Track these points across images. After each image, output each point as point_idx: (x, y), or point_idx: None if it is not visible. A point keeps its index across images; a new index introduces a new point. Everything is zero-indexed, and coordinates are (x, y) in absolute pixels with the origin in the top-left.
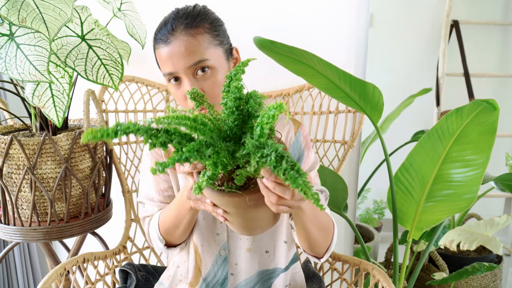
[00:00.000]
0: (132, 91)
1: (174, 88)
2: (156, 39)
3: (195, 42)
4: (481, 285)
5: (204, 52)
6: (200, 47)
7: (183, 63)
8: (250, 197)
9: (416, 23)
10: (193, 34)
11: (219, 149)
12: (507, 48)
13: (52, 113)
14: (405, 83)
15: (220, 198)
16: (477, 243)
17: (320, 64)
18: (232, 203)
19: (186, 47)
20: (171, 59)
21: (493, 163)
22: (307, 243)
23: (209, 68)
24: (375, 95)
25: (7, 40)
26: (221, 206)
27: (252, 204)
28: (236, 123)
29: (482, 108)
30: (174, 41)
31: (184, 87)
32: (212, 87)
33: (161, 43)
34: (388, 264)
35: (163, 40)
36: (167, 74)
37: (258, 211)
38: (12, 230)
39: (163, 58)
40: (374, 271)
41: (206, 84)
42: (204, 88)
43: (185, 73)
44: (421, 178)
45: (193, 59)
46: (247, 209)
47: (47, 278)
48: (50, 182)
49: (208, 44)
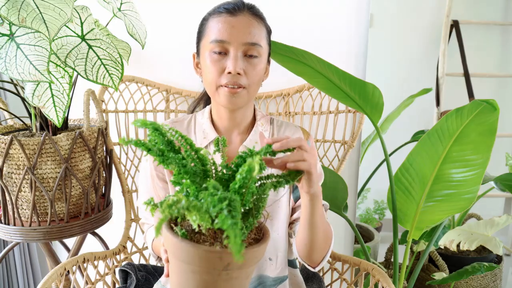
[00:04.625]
0: (132, 91)
1: (215, 59)
2: (215, 9)
3: (258, 26)
4: (481, 285)
5: (262, 39)
6: (261, 33)
7: (242, 37)
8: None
9: (416, 23)
10: (258, 20)
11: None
12: (507, 48)
13: (52, 113)
14: (405, 83)
15: (179, 244)
16: (477, 243)
17: (320, 64)
18: (197, 256)
19: (250, 25)
20: (231, 29)
21: (493, 163)
22: (308, 246)
23: (258, 57)
24: (375, 95)
25: (7, 40)
26: (174, 254)
27: (225, 268)
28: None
29: (482, 108)
30: (240, 15)
31: (228, 61)
32: (253, 74)
33: (223, 13)
34: (388, 264)
35: (227, 10)
36: (217, 41)
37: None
38: (12, 230)
39: (219, 26)
40: (374, 271)
41: (250, 67)
42: (247, 70)
43: (237, 47)
44: (421, 178)
45: (253, 39)
46: (212, 275)
47: (47, 278)
48: (50, 182)
49: (264, 36)
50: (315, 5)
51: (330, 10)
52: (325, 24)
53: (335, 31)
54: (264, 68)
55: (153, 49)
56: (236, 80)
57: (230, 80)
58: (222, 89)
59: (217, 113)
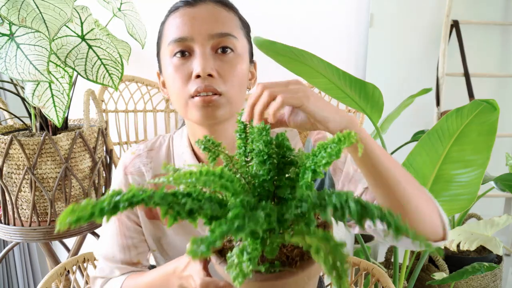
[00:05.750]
0: (132, 91)
1: (178, 64)
2: (172, 6)
3: (226, 15)
4: (481, 285)
5: (235, 28)
6: (231, 22)
7: (207, 28)
8: (306, 272)
9: (416, 23)
10: (226, 9)
11: (270, 211)
12: (507, 48)
13: (52, 113)
14: (405, 83)
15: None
16: (477, 243)
17: (320, 64)
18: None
19: (215, 14)
20: (192, 20)
21: (493, 163)
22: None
23: (233, 51)
24: (375, 95)
25: (7, 40)
26: None
27: (307, 280)
28: (271, 175)
29: (482, 108)
30: (201, 5)
31: (194, 62)
32: (231, 74)
33: (181, 6)
34: (388, 264)
35: (185, 2)
36: (175, 40)
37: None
38: (12, 230)
39: (177, 21)
40: (374, 271)
41: (225, 66)
42: (221, 70)
43: (203, 42)
44: (421, 178)
45: (222, 28)
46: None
47: (47, 278)
48: (50, 182)
49: (238, 26)
50: (315, 6)
51: (330, 10)
52: (325, 24)
53: (335, 31)
54: (246, 69)
55: (153, 49)
56: (209, 84)
57: (201, 85)
58: (193, 101)
59: (193, 138)
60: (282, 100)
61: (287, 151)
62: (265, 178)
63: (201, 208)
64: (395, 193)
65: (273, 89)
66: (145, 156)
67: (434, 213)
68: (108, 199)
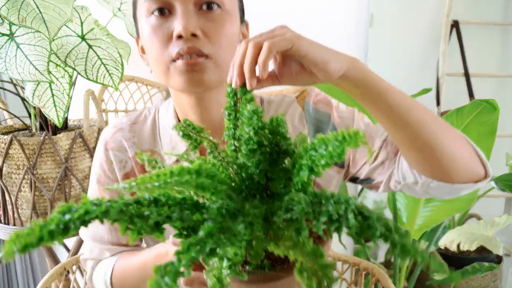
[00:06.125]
0: (132, 90)
1: (157, 24)
2: None
3: None
4: (481, 285)
5: None
6: None
7: None
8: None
9: (416, 23)
10: None
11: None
12: (507, 48)
13: (52, 113)
14: (405, 83)
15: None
16: (477, 243)
17: None
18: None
19: None
20: None
21: (493, 163)
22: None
23: (220, 7)
24: None
25: (7, 40)
26: None
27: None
28: (261, 167)
29: (482, 108)
30: None
31: (175, 21)
32: (218, 34)
33: None
34: (388, 264)
35: None
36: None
37: None
38: (12, 230)
39: None
40: (374, 270)
41: (211, 25)
42: (206, 30)
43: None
44: None
45: None
46: None
47: (47, 278)
48: (50, 182)
49: None
50: (315, 5)
51: (330, 10)
52: (325, 24)
53: (335, 31)
54: (236, 29)
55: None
56: (193, 45)
57: (183, 46)
58: (174, 65)
59: (181, 110)
60: (269, 45)
61: (281, 139)
62: (252, 172)
63: (169, 218)
64: (421, 135)
65: (258, 39)
66: (127, 130)
67: (469, 150)
68: (56, 219)
